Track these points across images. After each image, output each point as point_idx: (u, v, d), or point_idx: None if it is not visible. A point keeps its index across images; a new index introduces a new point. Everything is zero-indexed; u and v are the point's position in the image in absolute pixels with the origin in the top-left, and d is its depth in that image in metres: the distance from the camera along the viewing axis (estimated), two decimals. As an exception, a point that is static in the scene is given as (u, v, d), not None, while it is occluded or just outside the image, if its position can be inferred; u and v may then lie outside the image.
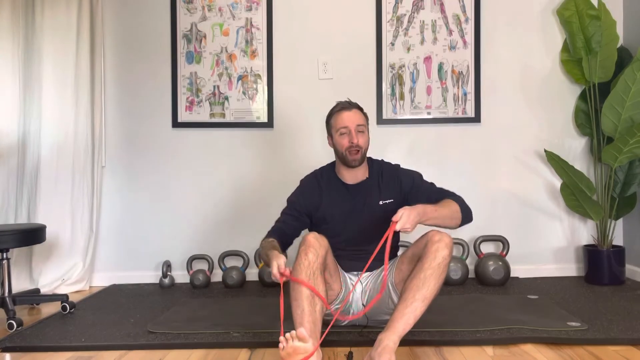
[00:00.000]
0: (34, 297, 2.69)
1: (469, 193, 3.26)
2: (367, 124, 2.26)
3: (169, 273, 3.16)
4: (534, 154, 3.28)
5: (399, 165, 2.33)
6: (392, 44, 3.26)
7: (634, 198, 3.10)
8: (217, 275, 3.22)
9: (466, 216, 2.14)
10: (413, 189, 2.23)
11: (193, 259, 3.19)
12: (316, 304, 1.90)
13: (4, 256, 2.49)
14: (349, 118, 2.19)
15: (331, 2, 3.28)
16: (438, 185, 2.32)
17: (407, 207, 1.91)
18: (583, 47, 3.05)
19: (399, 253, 2.30)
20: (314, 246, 1.93)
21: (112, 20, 3.27)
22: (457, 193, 2.26)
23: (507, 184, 3.28)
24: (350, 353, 1.94)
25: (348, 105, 2.23)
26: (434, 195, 2.19)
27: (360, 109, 2.25)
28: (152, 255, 3.28)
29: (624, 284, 3.03)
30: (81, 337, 2.19)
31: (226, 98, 3.27)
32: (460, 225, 2.14)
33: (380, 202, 2.21)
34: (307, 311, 1.87)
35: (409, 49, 3.26)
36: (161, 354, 2.01)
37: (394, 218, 1.87)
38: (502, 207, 3.28)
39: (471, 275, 3.23)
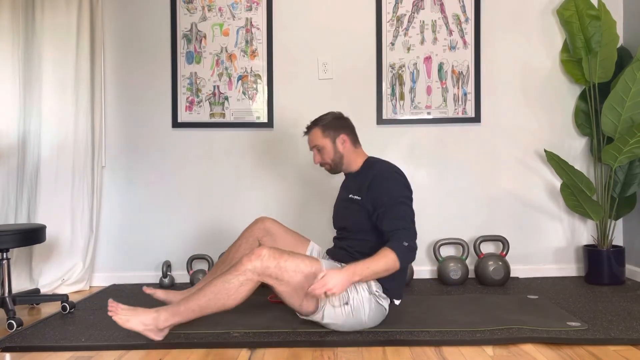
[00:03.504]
0: (34, 297, 2.69)
1: (469, 193, 3.28)
2: (327, 134, 2.35)
3: (169, 273, 3.16)
4: (534, 154, 3.28)
5: (387, 168, 2.29)
6: (392, 44, 3.26)
7: (634, 198, 3.10)
8: (217, 275, 3.22)
9: (405, 261, 2.10)
10: (376, 206, 2.21)
11: (193, 259, 3.19)
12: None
13: (4, 256, 2.49)
14: (308, 141, 2.43)
15: (331, 2, 3.28)
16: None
17: (335, 271, 1.99)
18: (583, 47, 3.05)
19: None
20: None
21: (112, 21, 3.27)
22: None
23: (507, 184, 3.28)
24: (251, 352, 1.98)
25: (307, 129, 2.42)
26: (384, 225, 2.15)
27: (316, 125, 2.37)
28: (152, 255, 3.28)
29: (624, 284, 3.03)
30: (81, 337, 2.19)
31: (226, 98, 3.28)
32: (403, 266, 2.12)
33: (349, 196, 2.32)
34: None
35: (409, 49, 3.26)
36: (161, 354, 2.01)
37: (318, 283, 1.96)
38: (502, 207, 3.28)
39: (471, 275, 3.23)
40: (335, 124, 2.37)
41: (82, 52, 3.11)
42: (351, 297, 2.11)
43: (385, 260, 2.05)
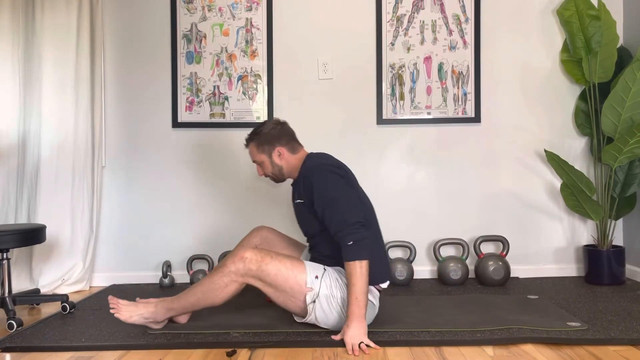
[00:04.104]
0: (34, 297, 2.69)
1: (469, 193, 3.28)
2: (262, 150, 2.34)
3: (169, 273, 3.16)
4: (534, 154, 3.28)
5: (308, 168, 2.25)
6: (392, 44, 3.26)
7: (634, 198, 3.10)
8: (217, 275, 3.22)
9: (363, 255, 2.05)
10: (317, 210, 2.18)
11: (193, 259, 3.19)
12: None
13: (4, 256, 2.49)
14: (249, 156, 2.42)
15: (331, 2, 3.28)
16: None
17: (347, 330, 2.02)
18: (583, 47, 3.05)
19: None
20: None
21: (112, 21, 3.27)
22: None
23: (507, 184, 3.28)
24: (234, 351, 1.98)
25: (245, 144, 2.40)
26: (330, 231, 2.14)
27: (252, 140, 2.36)
28: (152, 255, 3.28)
29: (624, 284, 3.03)
30: (81, 337, 2.19)
31: (226, 98, 3.28)
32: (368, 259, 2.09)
33: (296, 201, 2.32)
34: None
35: (409, 49, 3.26)
36: (161, 354, 2.01)
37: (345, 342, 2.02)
38: (502, 207, 3.28)
39: (471, 275, 3.23)
40: (269, 137, 2.32)
41: (82, 52, 3.11)
42: (340, 297, 2.14)
43: (354, 275, 2.03)
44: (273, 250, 2.24)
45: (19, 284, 2.98)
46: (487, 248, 3.28)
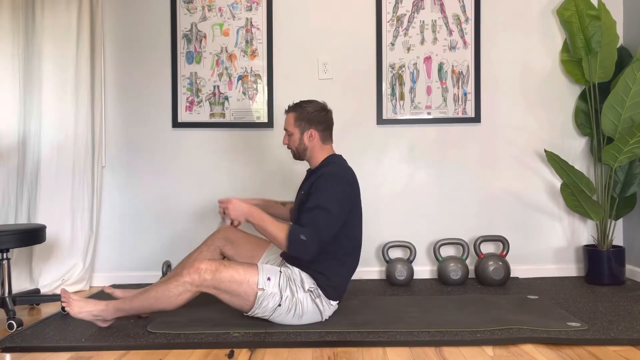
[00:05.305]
0: (34, 297, 2.69)
1: (469, 193, 3.28)
2: (298, 124, 2.39)
3: (168, 273, 3.16)
4: (534, 154, 3.28)
5: (334, 172, 2.31)
6: (392, 44, 3.26)
7: (634, 198, 3.10)
8: (217, 275, 3.22)
9: (292, 249, 2.18)
10: (311, 198, 2.26)
11: (193, 259, 3.19)
12: None
13: (4, 256, 2.49)
14: (284, 122, 2.47)
15: (331, 2, 3.28)
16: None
17: (238, 200, 2.25)
18: (583, 47, 3.05)
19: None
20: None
21: (112, 21, 3.27)
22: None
23: (507, 184, 3.28)
24: (232, 352, 1.98)
25: (287, 109, 2.46)
26: (299, 218, 2.26)
27: (295, 110, 2.41)
28: (152, 255, 3.28)
29: (624, 284, 3.03)
30: (81, 337, 2.19)
31: (226, 98, 3.28)
32: (289, 253, 2.22)
33: (301, 192, 2.38)
34: None
35: (409, 49, 3.26)
36: (161, 354, 2.01)
37: (225, 201, 2.24)
38: (502, 207, 3.28)
39: (471, 275, 3.23)
40: (311, 116, 2.38)
41: (82, 52, 3.11)
42: (284, 298, 2.20)
43: (278, 233, 2.18)
44: (227, 261, 2.30)
45: (19, 284, 2.98)
46: (487, 248, 3.28)
